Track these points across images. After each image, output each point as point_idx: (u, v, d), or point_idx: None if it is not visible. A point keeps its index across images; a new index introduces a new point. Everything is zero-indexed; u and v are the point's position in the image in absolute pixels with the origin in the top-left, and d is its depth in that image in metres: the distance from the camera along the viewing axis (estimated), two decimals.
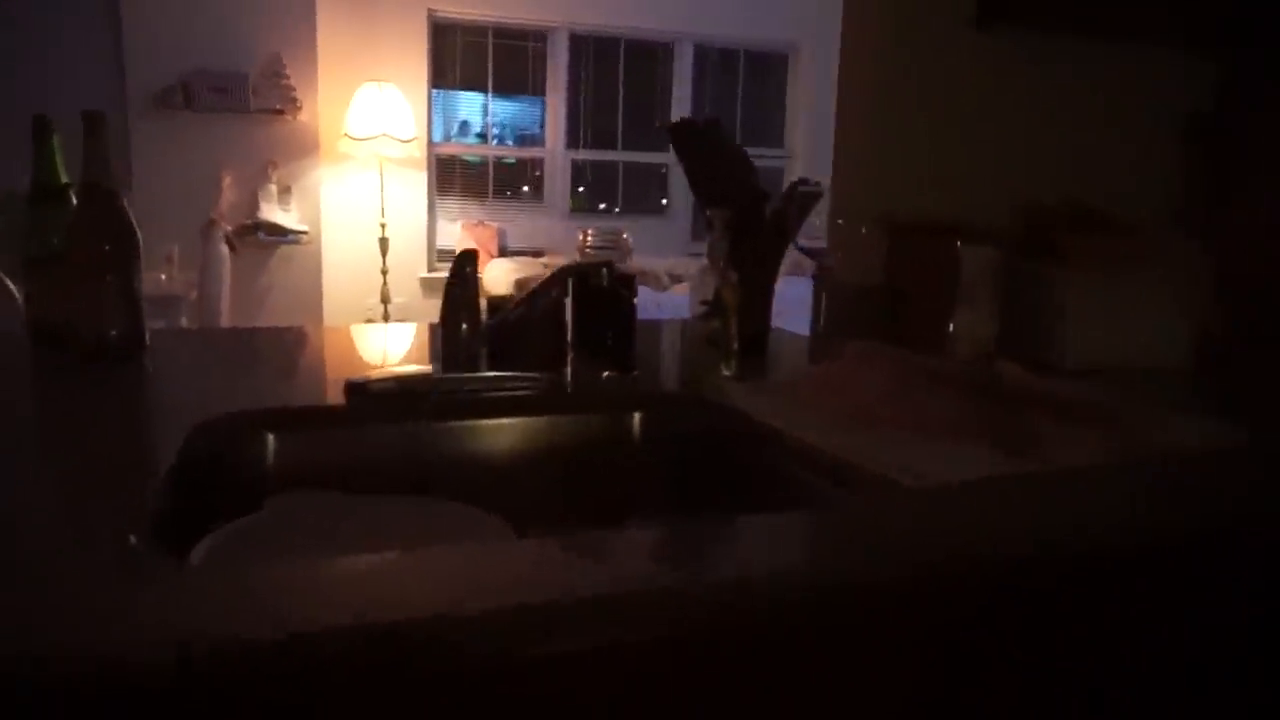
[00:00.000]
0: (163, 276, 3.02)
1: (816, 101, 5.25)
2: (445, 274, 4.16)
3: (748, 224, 1.12)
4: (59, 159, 1.07)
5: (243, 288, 3.79)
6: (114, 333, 0.99)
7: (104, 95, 3.71)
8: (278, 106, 3.97)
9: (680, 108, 5.18)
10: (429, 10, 4.51)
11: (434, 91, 4.64)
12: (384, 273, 4.27)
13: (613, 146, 5.17)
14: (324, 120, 4.09)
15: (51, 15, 3.64)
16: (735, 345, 1.01)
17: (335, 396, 0.88)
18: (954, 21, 1.22)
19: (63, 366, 1.00)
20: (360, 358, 1.17)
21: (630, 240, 1.22)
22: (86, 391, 0.89)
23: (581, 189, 5.15)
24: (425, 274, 4.66)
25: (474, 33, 4.76)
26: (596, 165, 5.16)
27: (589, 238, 1.21)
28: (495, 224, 4.79)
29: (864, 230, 1.03)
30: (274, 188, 4.00)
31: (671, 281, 4.54)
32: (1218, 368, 1.18)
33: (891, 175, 1.24)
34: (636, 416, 0.92)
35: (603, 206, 5.22)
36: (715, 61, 5.27)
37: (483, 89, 4.88)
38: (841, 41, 1.27)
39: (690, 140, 1.14)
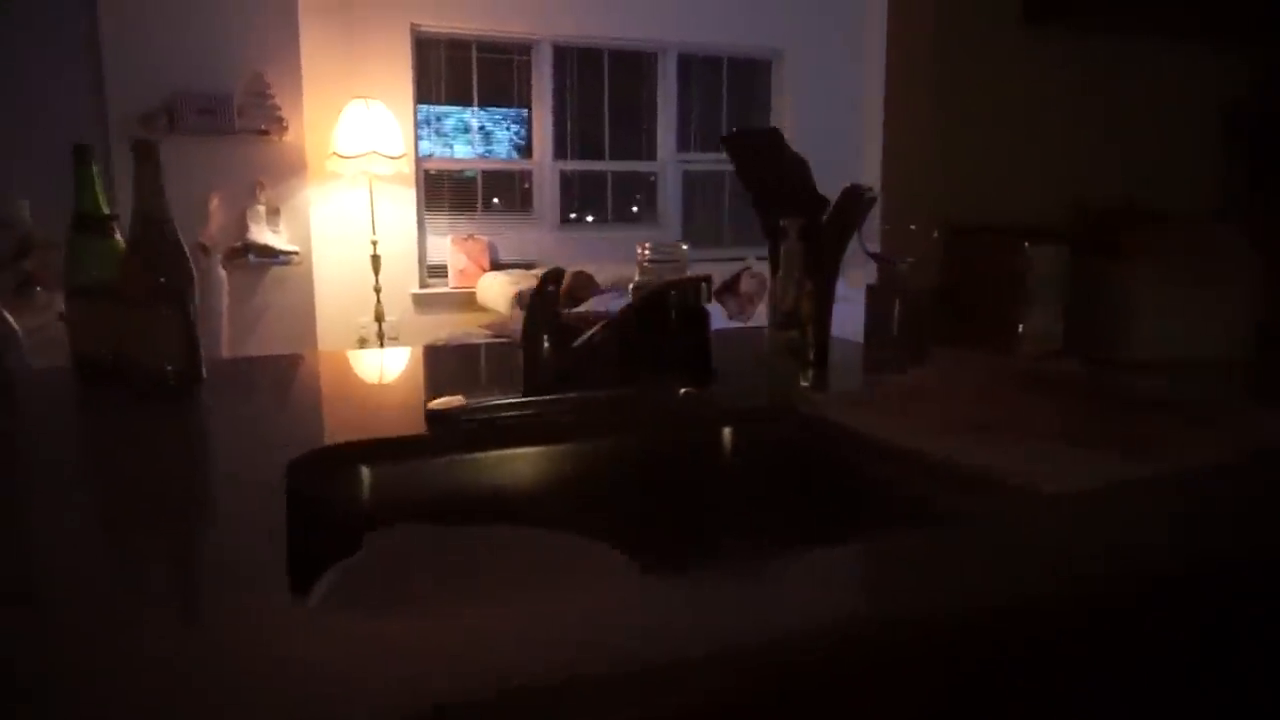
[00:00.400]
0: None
1: (799, 108, 5.27)
2: (437, 290, 4.15)
3: (808, 231, 1.10)
4: (100, 187, 1.03)
5: (235, 311, 3.72)
6: (170, 367, 0.95)
7: (85, 119, 3.64)
8: (263, 127, 3.91)
9: (666, 116, 5.18)
10: (412, 25, 4.47)
11: (419, 107, 4.60)
12: (377, 290, 4.22)
13: (600, 156, 5.15)
14: (310, 139, 4.03)
15: (30, 38, 3.56)
16: (812, 355, 0.99)
17: (406, 425, 0.85)
18: (1001, 20, 1.21)
19: (120, 403, 0.96)
20: (425, 382, 1.14)
21: (687, 251, 1.20)
22: (157, 429, 0.85)
23: (574, 215, 5.12)
24: (417, 290, 4.60)
25: (458, 47, 4.73)
26: (584, 175, 5.14)
27: (647, 251, 1.18)
28: (485, 237, 4.75)
29: (935, 234, 1.01)
30: (262, 209, 3.93)
31: None
32: (1275, 358, 1.18)
33: (942, 177, 1.23)
34: (727, 432, 0.90)
35: (591, 219, 5.20)
36: (699, 70, 5.27)
37: (468, 103, 4.84)
38: (887, 44, 1.26)
39: (747, 149, 1.12)
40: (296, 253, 4.02)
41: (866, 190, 1.16)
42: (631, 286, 1.14)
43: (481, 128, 4.96)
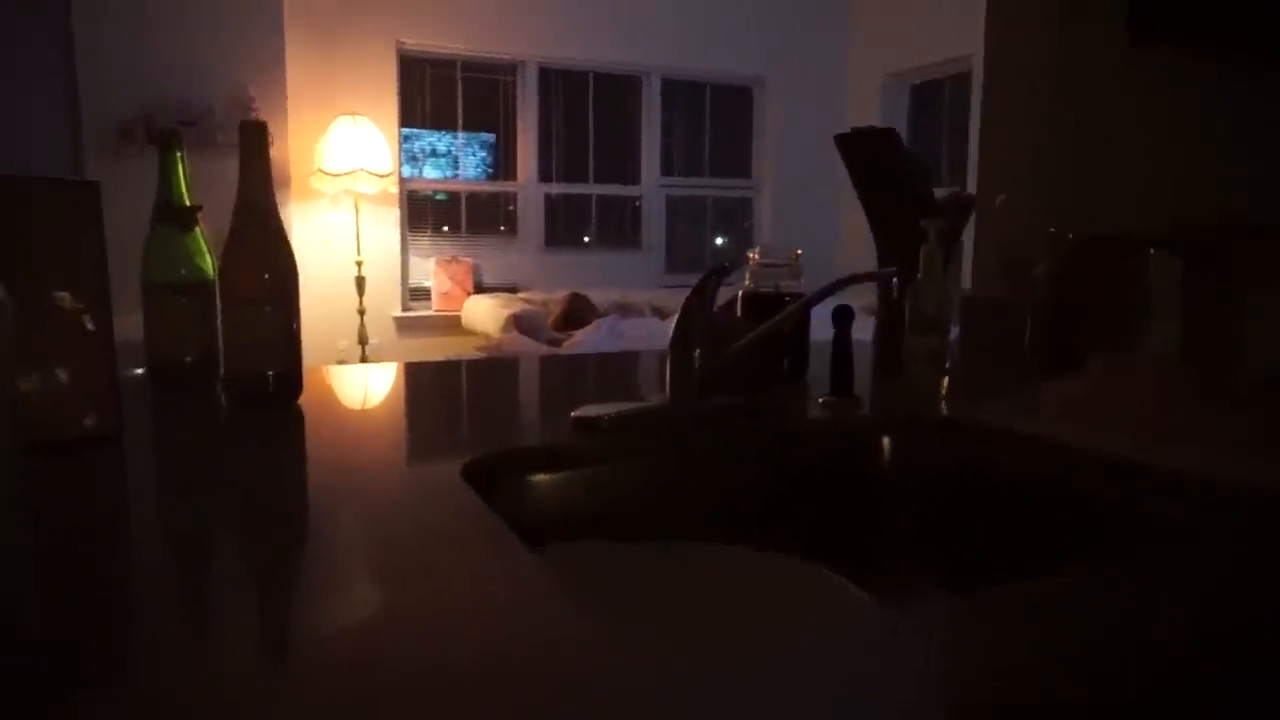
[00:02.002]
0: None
1: (781, 133, 5.31)
2: (420, 313, 4.05)
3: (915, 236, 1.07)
4: (185, 176, 0.95)
5: None
6: (271, 373, 0.87)
7: (55, 128, 3.48)
8: None
9: (650, 140, 5.17)
10: (398, 43, 4.40)
11: (404, 127, 4.51)
12: (361, 312, 4.09)
13: (584, 179, 5.11)
14: (294, 156, 3.92)
15: None
16: (948, 363, 0.94)
17: (550, 433, 0.77)
18: (1104, 35, 1.20)
19: (216, 412, 0.87)
20: (542, 390, 1.06)
21: (801, 256, 1.15)
22: (283, 439, 0.77)
23: (559, 238, 5.06)
24: (399, 313, 4.48)
25: (443, 66, 4.66)
26: (569, 199, 5.09)
27: (756, 257, 1.13)
28: (469, 260, 4.66)
29: (1070, 235, 0.98)
30: None
31: (653, 313, 4.48)
32: None
33: (1041, 189, 1.20)
34: (886, 442, 0.84)
35: (576, 243, 5.14)
36: (683, 95, 5.28)
37: (452, 123, 4.77)
38: (985, 60, 1.24)
39: (861, 150, 1.08)
40: None
41: (968, 197, 1.13)
42: (741, 293, 1.09)
43: (465, 148, 4.88)
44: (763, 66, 5.23)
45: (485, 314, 4.07)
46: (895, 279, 0.85)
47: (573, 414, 0.80)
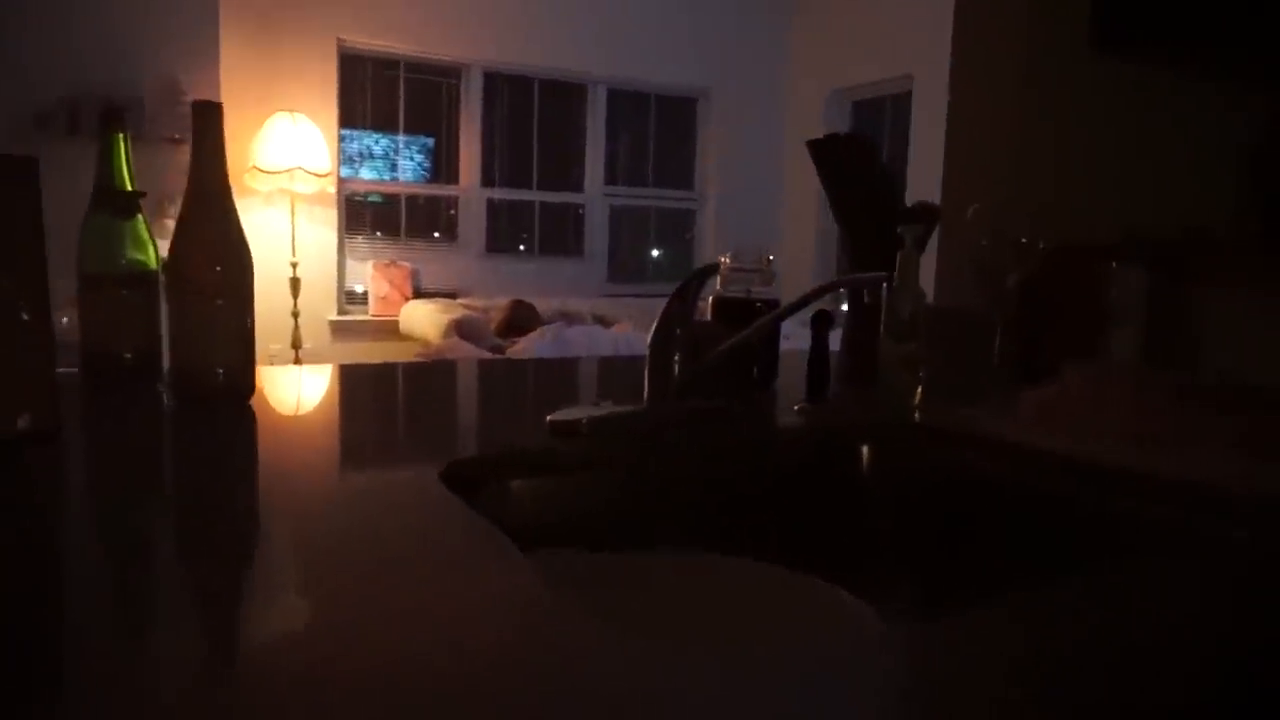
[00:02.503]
0: (64, 319, 2.64)
1: (724, 145, 5.35)
2: (356, 317, 3.93)
3: (890, 244, 1.06)
4: (127, 159, 0.88)
5: None
6: (221, 372, 0.81)
7: None
8: (175, 135, 3.63)
9: (594, 149, 5.14)
10: (338, 40, 4.28)
11: (343, 127, 4.39)
12: (295, 315, 3.96)
13: (528, 186, 5.05)
14: (227, 151, 3.77)
15: None
16: (925, 370, 0.94)
17: (526, 438, 0.74)
18: (1070, 45, 1.22)
19: (161, 412, 0.81)
20: (510, 393, 1.02)
21: (774, 262, 1.13)
22: (240, 441, 0.71)
23: (501, 244, 4.99)
24: (335, 317, 4.35)
25: (385, 66, 4.56)
26: (512, 205, 5.03)
27: (728, 261, 1.11)
28: (408, 264, 4.56)
29: (1040, 246, 0.99)
30: (171, 223, 3.63)
31: (595, 322, 4.45)
32: None
33: (1008, 199, 1.21)
34: (865, 448, 0.83)
35: (522, 248, 5.08)
36: (628, 105, 5.28)
37: (393, 124, 4.67)
38: (951, 67, 1.25)
39: (832, 156, 1.07)
40: None
41: (935, 206, 1.13)
42: (712, 298, 1.07)
43: (405, 151, 4.78)
44: (707, 79, 5.26)
45: (425, 319, 3.98)
46: (886, 284, 0.84)
47: (549, 418, 0.77)
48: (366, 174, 4.66)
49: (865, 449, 0.83)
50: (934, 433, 0.84)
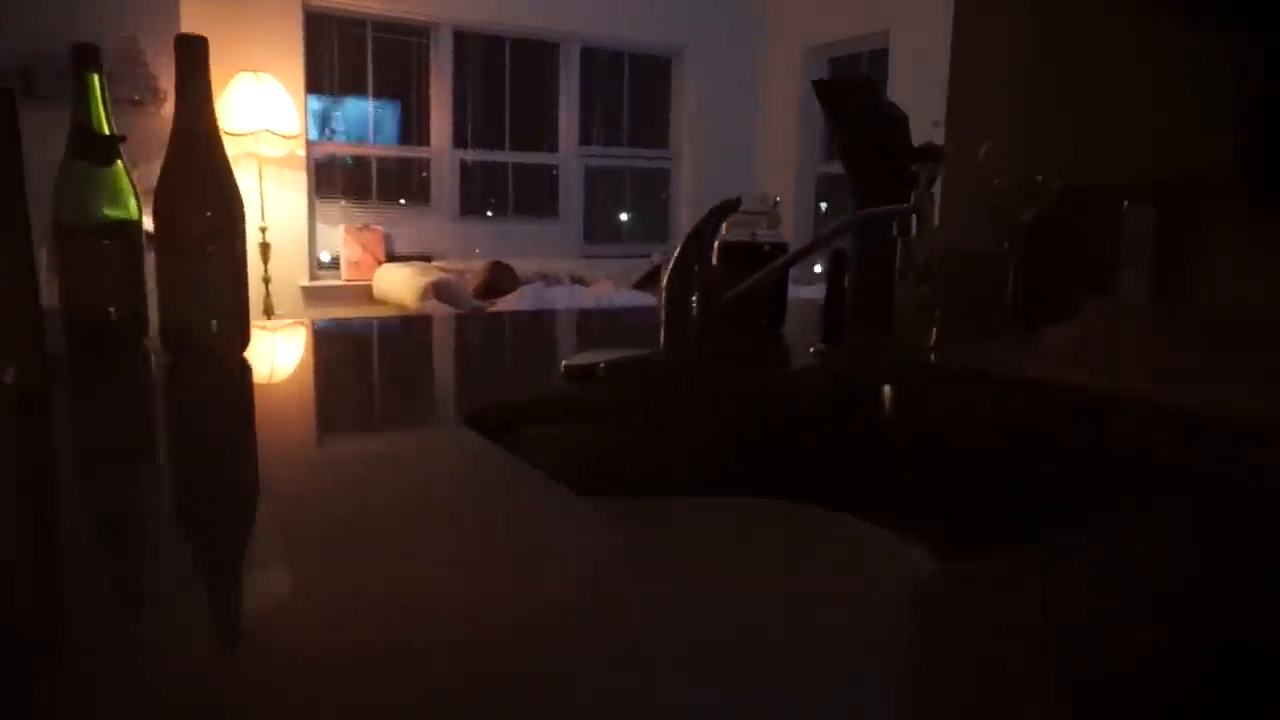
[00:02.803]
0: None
1: (699, 104, 5.28)
2: (329, 283, 3.87)
3: (900, 186, 1.04)
4: (104, 101, 0.83)
5: None
6: (215, 323, 0.77)
7: None
8: (136, 97, 3.50)
9: (568, 109, 5.05)
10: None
11: (310, 89, 4.26)
12: (266, 281, 3.86)
13: (500, 147, 4.96)
14: None
15: None
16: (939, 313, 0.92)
17: (530, 385, 0.71)
18: None
19: (148, 370, 0.76)
20: (513, 344, 0.99)
21: (780, 205, 1.10)
22: (241, 400, 0.67)
23: (474, 207, 4.90)
24: (307, 283, 4.26)
25: (352, 25, 4.42)
26: (485, 167, 4.93)
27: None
28: (380, 228, 4.47)
29: (1051, 182, 0.97)
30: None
31: (573, 282, 4.40)
32: None
33: (1015, 138, 1.19)
34: (887, 390, 0.81)
35: (491, 213, 5.00)
36: (602, 64, 5.18)
37: (362, 85, 4.54)
38: (955, 10, 1.22)
39: (840, 98, 1.04)
40: None
41: (939, 147, 1.11)
42: (718, 243, 1.04)
43: (376, 113, 4.66)
44: (682, 37, 5.17)
45: (400, 283, 3.91)
46: (914, 218, 0.81)
47: (565, 362, 0.74)
48: (339, 136, 4.54)
49: (884, 391, 0.81)
50: (953, 374, 0.82)
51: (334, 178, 4.50)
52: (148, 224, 0.84)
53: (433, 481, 0.47)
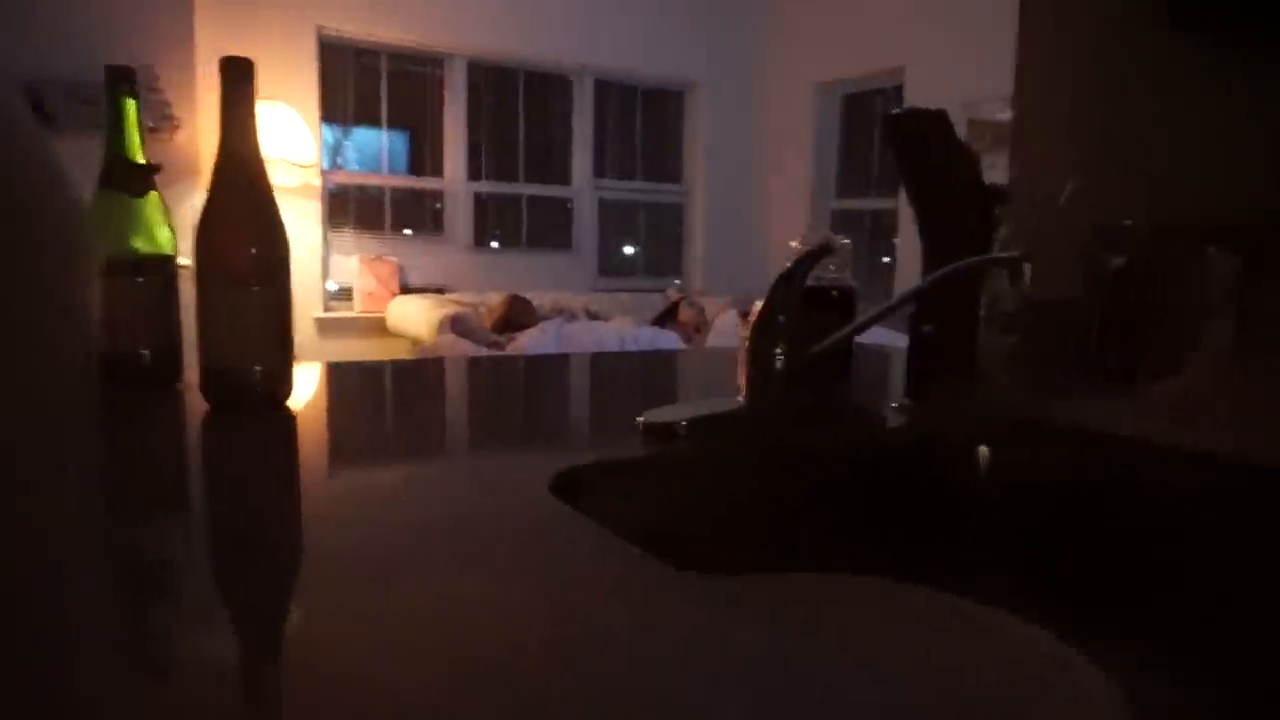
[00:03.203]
0: None
1: (712, 138, 5.26)
2: (342, 314, 3.82)
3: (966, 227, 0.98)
4: (139, 126, 0.77)
5: None
6: (259, 369, 0.70)
7: None
8: (151, 124, 3.47)
9: (582, 141, 5.03)
10: (318, 28, 4.14)
11: (325, 118, 4.24)
12: None
13: (514, 178, 4.93)
14: (205, 141, 3.62)
15: None
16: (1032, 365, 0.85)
17: (618, 441, 0.64)
18: (1143, 19, 1.14)
19: (206, 418, 0.70)
20: (576, 392, 0.92)
21: (845, 242, 1.05)
22: (288, 450, 0.61)
23: (489, 239, 4.86)
24: (321, 314, 4.20)
25: (366, 55, 4.42)
26: (499, 198, 4.90)
27: (799, 245, 1.02)
28: (394, 259, 4.42)
29: (1141, 227, 0.91)
30: None
31: (588, 317, 4.35)
32: None
33: (1084, 181, 1.13)
34: (990, 452, 0.74)
35: (504, 244, 4.96)
36: (614, 96, 5.17)
37: (376, 115, 4.53)
38: (1019, 45, 1.17)
39: (910, 132, 0.98)
40: (185, 267, 3.57)
41: (1002, 188, 1.05)
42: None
43: (391, 143, 4.64)
44: (694, 71, 5.17)
45: (415, 316, 3.85)
46: (1027, 264, 0.75)
47: (642, 420, 0.67)
48: (352, 166, 4.52)
49: (985, 450, 0.74)
50: (1055, 430, 0.75)
51: (347, 208, 4.47)
52: (182, 260, 0.78)
53: (521, 554, 0.40)
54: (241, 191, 0.69)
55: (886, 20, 4.49)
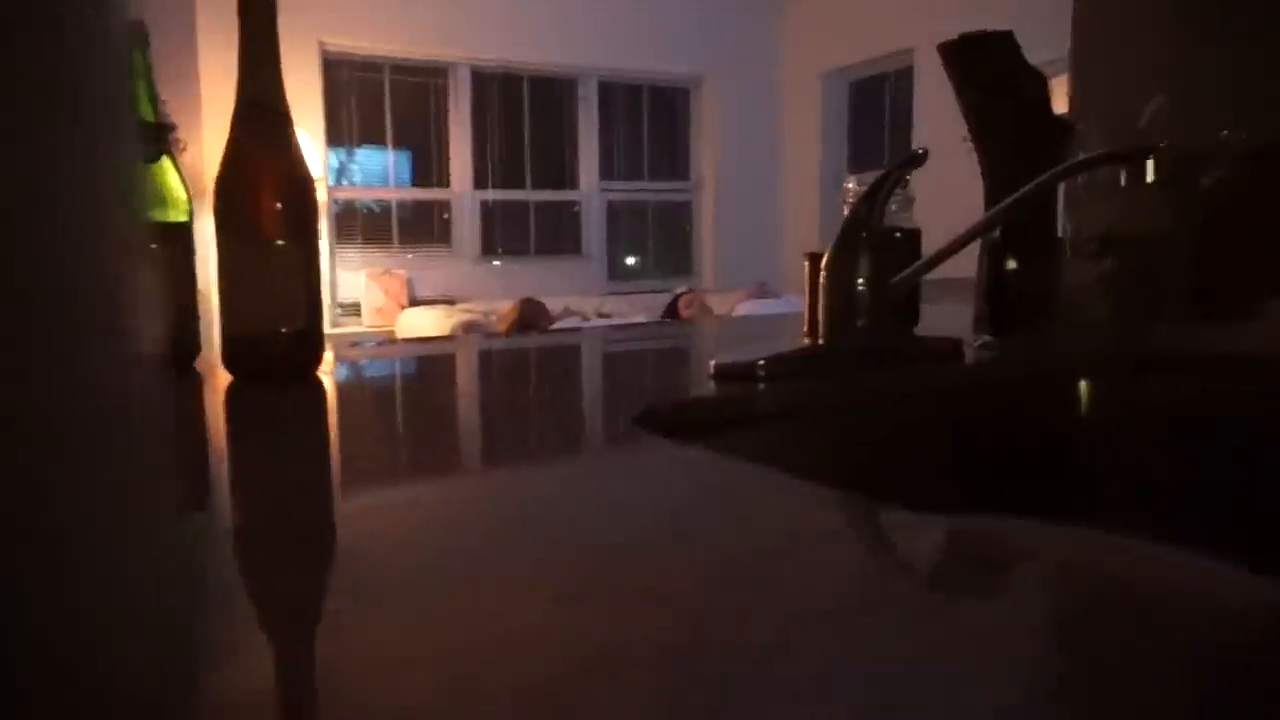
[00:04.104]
0: None
1: (719, 132, 5.21)
2: (351, 329, 3.77)
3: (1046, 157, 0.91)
4: (149, 83, 0.71)
5: None
6: (285, 331, 0.64)
7: None
8: None
9: (588, 144, 4.99)
10: (320, 43, 4.11)
11: (329, 134, 4.21)
12: None
13: (521, 185, 4.89)
14: (210, 162, 3.58)
15: None
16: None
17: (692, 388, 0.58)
18: None
19: (218, 386, 0.64)
20: (632, 358, 0.86)
21: (910, 184, 0.99)
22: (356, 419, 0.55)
23: (498, 247, 4.81)
24: (329, 330, 4.15)
25: (370, 69, 4.38)
26: (506, 206, 4.86)
27: (855, 185, 0.96)
28: (403, 272, 4.38)
29: (1235, 139, 0.83)
30: None
31: (601, 319, 4.29)
32: None
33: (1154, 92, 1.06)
34: (1080, 384, 0.67)
35: (511, 251, 4.91)
36: (620, 97, 5.13)
37: (380, 128, 4.49)
38: None
39: (971, 60, 0.92)
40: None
41: (1067, 120, 0.98)
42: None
43: (396, 155, 4.60)
44: (699, 66, 5.12)
45: (427, 327, 3.80)
46: (1151, 154, 0.68)
47: (714, 362, 0.61)
48: (358, 180, 4.48)
49: (1088, 385, 0.67)
50: (1155, 362, 0.68)
51: (353, 222, 4.43)
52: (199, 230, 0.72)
53: (669, 494, 0.34)
54: (265, 136, 0.63)
55: (893, 2, 4.43)
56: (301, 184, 0.64)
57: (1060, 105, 1.20)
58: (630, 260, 5.30)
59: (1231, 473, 0.61)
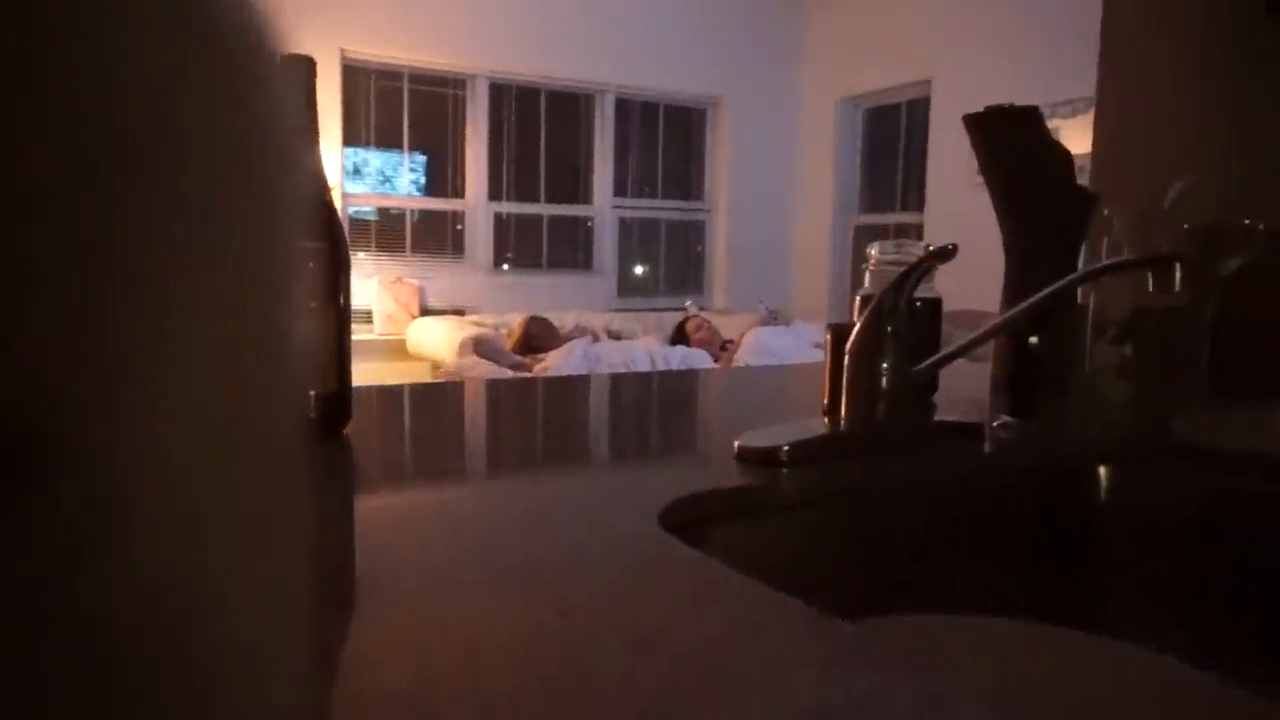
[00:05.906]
0: None
1: (734, 154, 5.22)
2: (362, 336, 3.75)
3: (1067, 231, 0.92)
4: None
5: None
6: (315, 395, 0.64)
7: None
8: None
9: (603, 160, 5.01)
10: (341, 51, 4.14)
11: (346, 142, 4.23)
12: None
13: (535, 198, 4.90)
14: None
15: None
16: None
17: (716, 469, 0.58)
18: (1235, 11, 1.08)
19: None
20: (648, 411, 0.86)
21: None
22: (368, 485, 0.55)
23: (509, 259, 4.83)
24: None
25: (388, 77, 4.41)
26: (519, 219, 4.87)
27: (878, 254, 0.97)
28: (415, 281, 4.40)
29: (1259, 226, 0.84)
30: None
31: (609, 337, 4.30)
32: None
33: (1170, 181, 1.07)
34: (1103, 473, 0.67)
35: (523, 264, 4.92)
36: (636, 115, 5.15)
37: (397, 137, 4.51)
38: (1101, 44, 1.11)
39: (997, 131, 0.92)
40: None
41: (1090, 191, 0.99)
42: (860, 296, 0.92)
43: (411, 164, 4.62)
44: (717, 87, 5.15)
45: (438, 338, 3.81)
46: (1178, 264, 0.69)
47: (738, 444, 0.61)
48: (373, 188, 4.50)
49: (1112, 474, 0.67)
50: (1180, 451, 0.68)
51: (367, 230, 4.45)
52: None
53: (671, 615, 0.34)
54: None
55: (913, 33, 4.45)
56: (335, 243, 0.64)
57: (1082, 144, 1.20)
58: (640, 273, 5.31)
59: (1245, 580, 0.61)
